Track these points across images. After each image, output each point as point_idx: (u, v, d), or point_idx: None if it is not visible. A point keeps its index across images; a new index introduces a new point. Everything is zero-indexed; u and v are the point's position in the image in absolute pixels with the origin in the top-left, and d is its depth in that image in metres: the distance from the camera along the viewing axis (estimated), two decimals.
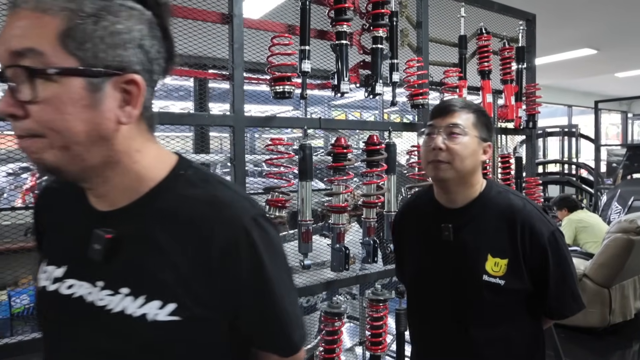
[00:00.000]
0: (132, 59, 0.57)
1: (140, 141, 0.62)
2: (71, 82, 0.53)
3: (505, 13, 2.51)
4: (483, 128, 1.17)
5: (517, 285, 1.12)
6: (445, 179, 1.15)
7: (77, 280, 0.63)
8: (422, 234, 1.26)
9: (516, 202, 1.16)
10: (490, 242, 1.13)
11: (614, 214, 5.45)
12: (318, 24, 1.79)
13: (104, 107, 0.56)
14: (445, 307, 1.19)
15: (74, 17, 0.53)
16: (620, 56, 6.24)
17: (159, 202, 0.62)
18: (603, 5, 4.09)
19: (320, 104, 6.05)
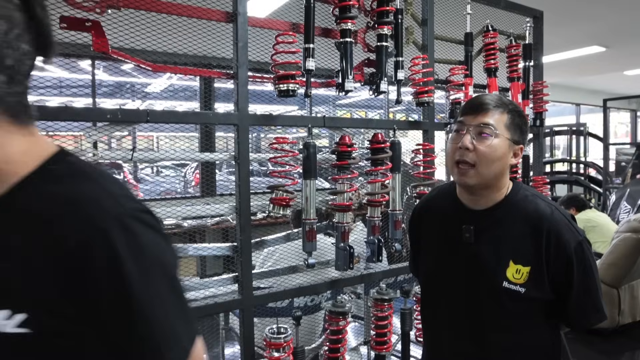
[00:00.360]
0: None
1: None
2: None
3: (512, 10, 2.49)
4: (517, 130, 1.10)
5: (537, 294, 1.07)
6: (468, 185, 1.10)
7: None
8: (442, 233, 1.20)
9: (543, 207, 1.10)
10: (513, 248, 1.08)
11: (623, 213, 5.38)
12: (322, 22, 1.78)
13: None
14: (460, 311, 1.15)
15: None
16: (629, 54, 6.16)
17: (15, 201, 0.55)
18: (611, 2, 4.04)
19: (326, 104, 6.05)
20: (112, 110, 1.33)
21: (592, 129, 7.88)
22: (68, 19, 1.27)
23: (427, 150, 2.05)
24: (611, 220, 4.31)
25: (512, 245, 1.09)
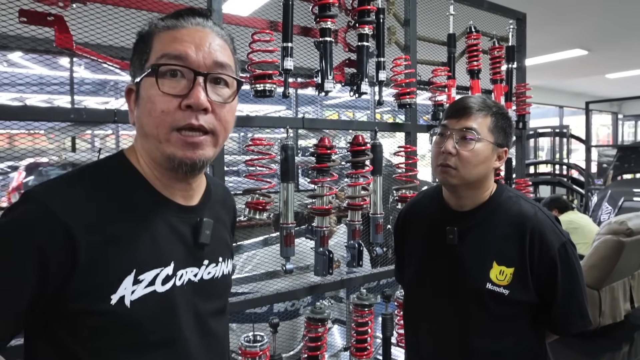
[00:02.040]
0: None
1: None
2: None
3: (495, 12, 2.48)
4: (500, 133, 1.10)
5: (522, 297, 1.06)
6: (452, 185, 1.10)
7: (184, 268, 0.72)
8: (426, 234, 1.19)
9: (527, 208, 1.10)
10: (497, 249, 1.07)
11: (605, 214, 5.46)
12: (302, 21, 1.74)
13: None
14: (444, 314, 1.13)
15: None
16: (611, 57, 6.25)
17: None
18: (593, 6, 4.08)
19: (313, 104, 6.01)
20: (76, 110, 1.27)
21: (575, 131, 7.98)
22: (28, 13, 1.21)
23: (409, 152, 2.02)
24: (593, 221, 4.35)
25: (495, 247, 1.08)
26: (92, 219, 0.64)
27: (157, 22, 0.69)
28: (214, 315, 0.78)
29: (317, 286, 1.76)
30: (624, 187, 5.71)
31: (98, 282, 0.63)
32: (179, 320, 0.71)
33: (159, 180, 0.71)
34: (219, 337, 0.80)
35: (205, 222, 0.74)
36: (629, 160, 6.38)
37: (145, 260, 0.67)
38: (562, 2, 3.89)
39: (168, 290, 0.69)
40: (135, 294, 0.65)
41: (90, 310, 0.63)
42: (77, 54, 1.27)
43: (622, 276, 3.40)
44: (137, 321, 0.66)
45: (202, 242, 0.74)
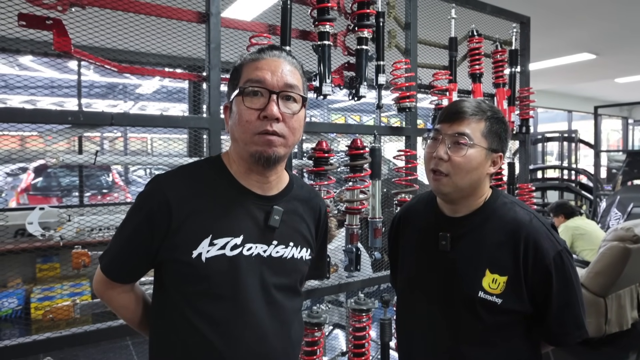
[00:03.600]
0: None
1: None
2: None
3: (498, 15, 2.46)
4: (495, 138, 1.06)
5: (515, 306, 1.03)
6: (445, 193, 1.07)
7: (254, 243, 0.92)
8: (419, 240, 1.17)
9: (522, 215, 1.06)
10: (490, 257, 1.04)
11: (613, 220, 5.38)
12: (301, 24, 1.74)
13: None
14: (436, 323, 1.09)
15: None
16: (620, 61, 6.18)
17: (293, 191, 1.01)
18: (602, 10, 4.04)
19: (319, 107, 6.00)
20: (73, 112, 1.28)
21: (585, 136, 7.90)
22: (27, 17, 1.22)
23: (409, 156, 2.01)
24: (600, 227, 4.28)
25: (489, 254, 1.04)
26: (184, 196, 0.89)
27: (245, 56, 0.93)
28: (281, 289, 0.95)
29: (314, 290, 1.75)
30: (634, 192, 5.63)
31: (184, 240, 0.88)
32: (243, 282, 0.89)
33: (242, 175, 0.94)
34: (285, 310, 0.96)
35: (275, 209, 0.94)
36: (639, 165, 6.29)
37: (219, 229, 0.89)
38: (569, 5, 3.86)
39: (235, 255, 0.89)
40: (210, 254, 0.88)
41: (178, 259, 0.88)
42: (75, 58, 1.28)
43: (629, 283, 3.34)
44: (209, 274, 0.88)
45: (271, 225, 0.93)
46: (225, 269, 0.88)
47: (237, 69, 0.93)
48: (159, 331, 0.94)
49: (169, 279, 0.91)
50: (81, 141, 4.28)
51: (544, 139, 7.87)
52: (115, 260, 0.94)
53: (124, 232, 0.93)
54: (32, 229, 1.49)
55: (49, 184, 6.36)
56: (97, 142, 6.61)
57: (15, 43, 1.53)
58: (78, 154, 3.93)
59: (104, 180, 6.77)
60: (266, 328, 0.92)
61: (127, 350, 3.01)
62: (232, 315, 0.89)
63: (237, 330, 0.89)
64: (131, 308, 1.00)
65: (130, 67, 1.39)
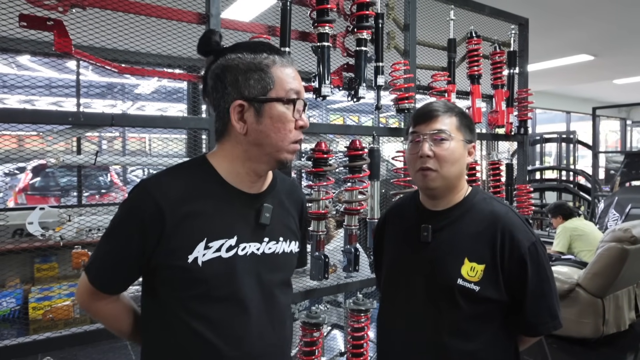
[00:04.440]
0: None
1: None
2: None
3: (496, 17, 2.47)
4: (466, 130, 1.15)
5: (492, 294, 1.08)
6: (434, 188, 1.13)
7: (248, 242, 0.92)
8: (401, 234, 1.22)
9: (499, 208, 1.14)
10: (469, 246, 1.10)
11: (612, 221, 5.39)
12: (300, 25, 1.75)
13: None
14: (417, 312, 1.13)
15: None
16: (618, 62, 6.20)
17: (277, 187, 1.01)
18: (600, 12, 4.05)
19: (317, 108, 6.01)
20: (74, 113, 1.28)
21: (582, 137, 7.91)
22: (28, 17, 1.23)
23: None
24: (598, 228, 4.30)
25: (467, 244, 1.11)
26: (175, 201, 0.86)
27: (272, 57, 0.90)
28: (277, 285, 0.96)
29: (313, 290, 1.76)
30: (632, 193, 5.64)
31: (179, 245, 0.86)
32: (240, 282, 0.90)
33: (232, 175, 0.92)
34: (281, 306, 0.97)
35: (265, 207, 0.94)
36: (637, 166, 6.30)
37: (213, 232, 0.88)
38: (567, 7, 3.87)
39: (231, 257, 0.89)
40: (206, 257, 0.87)
41: (174, 265, 0.86)
42: (76, 58, 1.28)
43: (626, 284, 3.35)
44: (206, 278, 0.87)
45: (262, 223, 0.93)
46: (222, 271, 0.88)
47: (261, 69, 0.89)
48: (153, 338, 0.93)
49: (163, 284, 0.89)
50: (80, 141, 4.28)
51: (543, 139, 7.89)
52: (105, 270, 0.91)
53: (113, 241, 0.90)
54: (32, 228, 1.50)
55: (47, 184, 6.36)
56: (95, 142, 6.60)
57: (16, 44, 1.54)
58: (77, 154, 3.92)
59: (102, 181, 6.77)
60: (265, 326, 0.93)
61: (126, 351, 3.02)
62: (232, 316, 0.89)
63: (237, 330, 0.89)
64: (121, 317, 0.98)
65: (130, 68, 1.39)
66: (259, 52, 0.90)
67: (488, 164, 2.47)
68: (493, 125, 2.46)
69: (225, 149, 0.93)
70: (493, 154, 2.51)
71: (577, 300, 3.14)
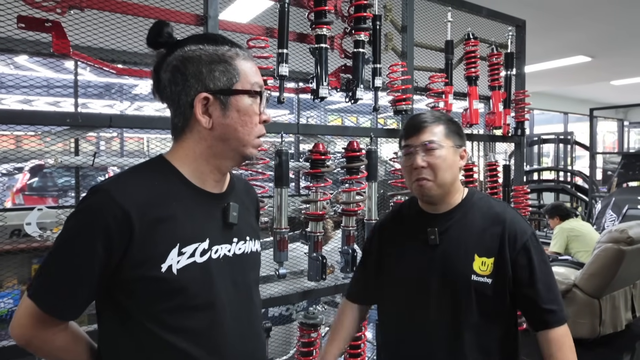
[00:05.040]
0: None
1: None
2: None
3: (494, 18, 2.48)
4: (455, 136, 1.20)
5: (504, 285, 1.12)
6: (431, 195, 1.17)
7: (219, 244, 0.88)
8: (407, 240, 1.23)
9: (496, 204, 1.23)
10: (477, 242, 1.15)
11: (609, 222, 5.41)
12: (298, 27, 1.75)
13: None
14: (431, 314, 1.15)
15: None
16: (615, 64, 6.22)
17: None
18: (597, 13, 4.07)
19: (316, 108, 6.00)
20: (72, 114, 1.29)
21: (580, 138, 7.94)
22: (26, 19, 1.23)
23: None
24: (595, 229, 4.31)
25: (475, 240, 1.15)
26: (143, 204, 0.79)
27: (235, 50, 0.87)
28: (251, 285, 0.95)
29: (311, 291, 1.76)
30: (629, 194, 5.66)
31: (150, 253, 0.79)
32: (217, 287, 0.86)
33: (195, 175, 0.87)
34: (256, 307, 0.96)
35: (232, 205, 0.91)
36: (634, 167, 6.32)
37: (185, 236, 0.83)
38: (565, 8, 3.89)
39: (205, 261, 0.85)
40: (180, 264, 0.81)
41: (146, 276, 0.79)
42: (75, 60, 1.29)
43: (623, 285, 3.37)
44: (183, 286, 0.81)
45: (230, 222, 0.90)
46: (198, 277, 0.83)
47: (225, 60, 0.85)
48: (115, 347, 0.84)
49: (131, 300, 0.80)
50: (77, 141, 4.27)
51: (540, 140, 7.91)
52: (60, 292, 0.79)
53: (68, 257, 0.79)
54: (30, 229, 1.50)
55: (45, 184, 6.35)
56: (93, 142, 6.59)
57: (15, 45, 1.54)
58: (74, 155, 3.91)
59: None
60: (245, 328, 0.90)
61: None
62: (211, 324, 0.85)
63: (218, 338, 0.86)
64: (72, 349, 0.86)
65: (128, 70, 1.40)
66: (220, 44, 0.87)
67: (485, 165, 2.47)
68: (490, 127, 2.47)
69: (187, 147, 0.87)
70: (490, 155, 2.52)
71: (574, 301, 3.16)
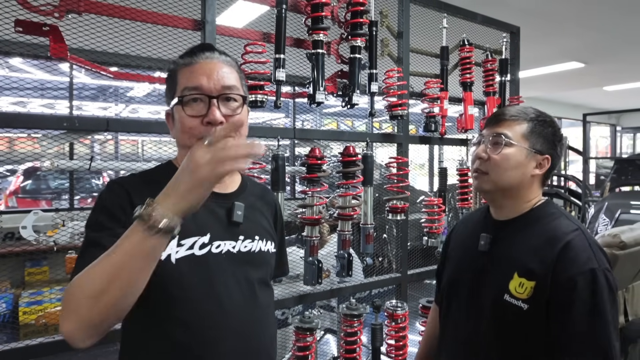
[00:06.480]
0: None
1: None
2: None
3: (488, 25, 2.51)
4: (539, 139, 1.07)
5: (541, 316, 0.95)
6: (483, 190, 1.11)
7: (222, 241, 0.90)
8: (465, 242, 1.19)
9: (566, 224, 1.02)
10: (522, 260, 1.00)
11: (602, 226, 5.45)
12: (295, 32, 1.76)
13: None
14: (461, 322, 1.11)
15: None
16: (608, 70, 6.30)
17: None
18: (589, 20, 4.12)
19: (311, 112, 6.02)
20: (69, 118, 1.29)
21: (573, 143, 8.00)
22: (23, 23, 1.23)
23: (401, 163, 2.04)
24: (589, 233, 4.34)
25: (521, 257, 1.01)
26: (146, 196, 0.79)
27: (178, 61, 0.91)
28: (258, 283, 0.95)
29: (306, 295, 1.77)
30: (621, 199, 5.71)
31: None
32: (215, 280, 0.88)
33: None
34: (261, 304, 0.95)
35: (237, 205, 0.94)
36: (626, 172, 6.38)
37: (184, 229, 0.81)
38: (559, 15, 3.93)
39: (204, 254, 0.88)
40: (179, 254, 0.85)
41: None
42: (72, 64, 1.29)
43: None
44: (180, 275, 0.84)
45: (235, 221, 0.93)
46: (195, 268, 0.86)
47: (171, 75, 0.91)
48: (130, 341, 0.90)
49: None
50: (72, 145, 4.25)
51: None
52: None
53: (101, 225, 0.83)
54: (26, 233, 1.49)
55: (39, 187, 6.30)
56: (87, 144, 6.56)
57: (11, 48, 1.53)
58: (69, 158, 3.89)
59: (94, 184, 6.72)
60: (248, 325, 0.90)
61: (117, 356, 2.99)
62: (209, 317, 0.86)
63: (216, 331, 0.86)
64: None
65: (125, 74, 1.40)
66: (181, 57, 0.92)
67: None
68: None
69: (180, 153, 0.95)
70: None
71: None
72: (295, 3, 1.71)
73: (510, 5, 3.47)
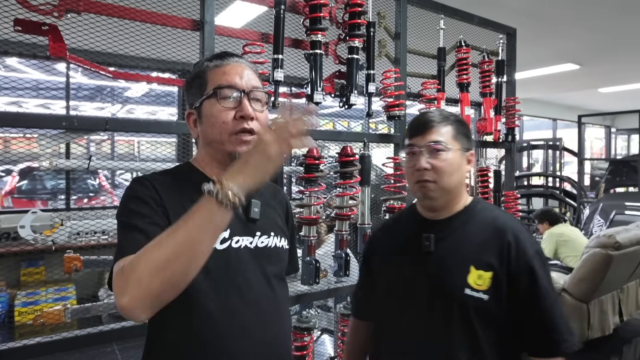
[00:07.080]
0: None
1: None
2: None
3: (485, 26, 2.52)
4: (463, 138, 1.12)
5: (501, 303, 1.02)
6: (433, 198, 1.09)
7: (240, 236, 0.94)
8: (401, 247, 1.16)
9: (502, 215, 1.14)
10: (474, 254, 1.05)
11: (596, 227, 5.49)
12: (293, 33, 1.77)
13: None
14: (421, 327, 1.07)
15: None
16: (603, 72, 6.34)
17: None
18: (585, 22, 4.15)
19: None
20: (67, 117, 1.29)
21: (569, 144, 8.06)
22: (23, 22, 1.23)
23: (397, 163, 2.05)
24: (583, 234, 4.37)
25: (473, 251, 1.05)
26: (168, 193, 0.89)
27: (207, 64, 0.96)
28: (272, 277, 0.98)
29: (304, 295, 1.77)
30: (616, 200, 5.75)
31: None
32: (237, 272, 0.92)
33: (216, 175, 0.90)
34: (278, 298, 0.99)
35: (254, 202, 0.97)
36: (621, 173, 6.44)
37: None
38: (555, 17, 3.96)
39: (225, 248, 0.91)
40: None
41: None
42: (71, 63, 1.29)
43: (611, 289, 3.42)
44: (205, 269, 0.83)
45: (252, 217, 0.96)
46: (218, 262, 0.89)
47: (199, 76, 0.96)
48: (151, 336, 0.94)
49: None
50: (69, 144, 4.24)
51: (530, 146, 8.02)
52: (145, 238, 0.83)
53: (137, 212, 0.86)
54: (24, 233, 1.49)
55: (35, 187, 6.27)
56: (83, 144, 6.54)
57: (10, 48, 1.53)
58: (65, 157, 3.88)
59: (90, 184, 6.70)
60: (269, 314, 0.94)
61: (114, 356, 2.98)
62: (230, 308, 0.89)
63: (236, 322, 0.90)
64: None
65: (124, 74, 1.40)
66: (207, 61, 0.97)
67: (476, 170, 2.51)
68: (481, 133, 2.51)
69: (199, 153, 1.00)
70: (481, 161, 2.55)
71: (563, 305, 3.19)
72: (293, 4, 1.72)
73: (506, 6, 3.49)
